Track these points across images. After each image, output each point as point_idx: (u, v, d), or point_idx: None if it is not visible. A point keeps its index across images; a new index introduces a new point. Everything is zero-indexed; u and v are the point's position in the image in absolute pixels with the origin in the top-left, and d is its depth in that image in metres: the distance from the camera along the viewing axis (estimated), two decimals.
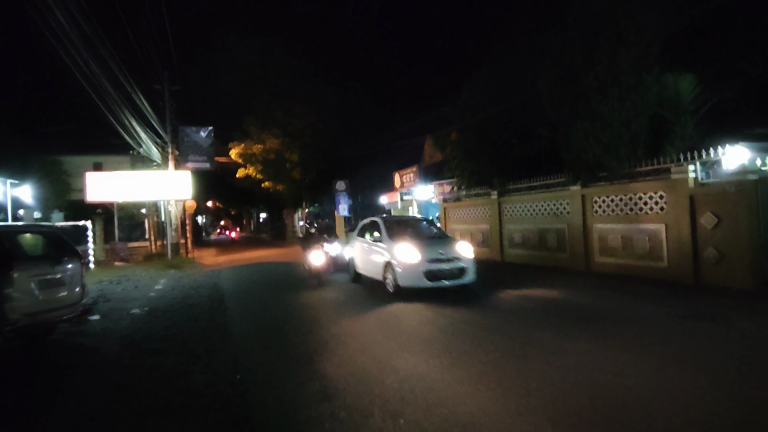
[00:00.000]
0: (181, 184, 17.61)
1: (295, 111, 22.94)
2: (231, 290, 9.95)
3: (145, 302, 8.85)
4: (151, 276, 13.78)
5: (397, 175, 20.45)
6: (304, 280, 10.85)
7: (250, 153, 22.82)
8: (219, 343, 5.50)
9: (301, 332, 5.73)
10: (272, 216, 46.98)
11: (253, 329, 6.22)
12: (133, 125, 16.51)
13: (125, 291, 10.63)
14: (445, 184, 16.33)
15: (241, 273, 13.64)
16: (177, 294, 9.83)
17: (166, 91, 18.65)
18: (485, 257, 11.87)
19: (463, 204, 12.95)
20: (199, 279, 12.40)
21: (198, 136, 19.19)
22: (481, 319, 5.95)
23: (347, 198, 24.07)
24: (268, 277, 12.14)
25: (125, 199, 17.70)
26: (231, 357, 4.89)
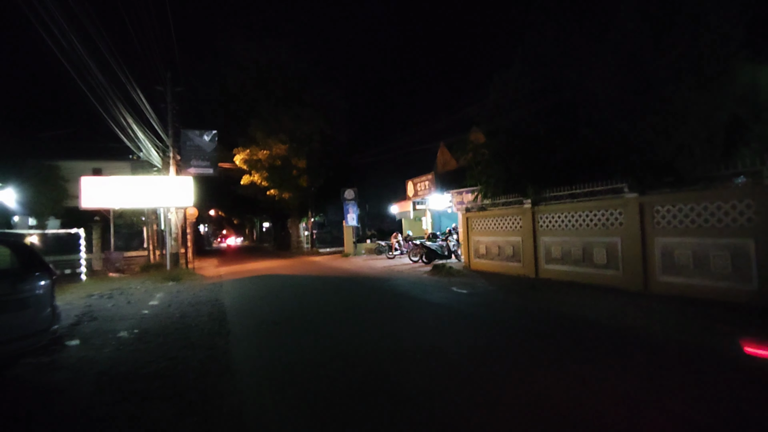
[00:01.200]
0: (182, 191, 16.57)
1: (302, 115, 21.96)
2: (234, 308, 8.79)
3: (136, 322, 7.70)
4: (147, 289, 12.65)
5: (410, 184, 19.36)
6: (320, 297, 9.72)
7: (256, 159, 21.80)
8: (220, 383, 4.34)
9: (328, 368, 4.57)
10: (276, 225, 45.90)
11: (262, 363, 5.05)
12: (133, 127, 15.53)
13: (116, 307, 9.49)
14: (465, 193, 15.22)
15: (244, 287, 12.49)
16: (173, 312, 8.69)
17: (168, 93, 17.73)
18: (516, 273, 10.70)
19: (489, 214, 11.81)
20: (199, 294, 11.25)
21: (201, 140, 18.19)
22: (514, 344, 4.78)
23: (356, 207, 22.99)
24: (272, 293, 10.98)
25: (122, 206, 16.65)
26: (236, 408, 3.73)
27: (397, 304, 8.27)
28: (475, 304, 7.94)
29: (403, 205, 21.28)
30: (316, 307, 8.43)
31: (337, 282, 12.46)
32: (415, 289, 10.00)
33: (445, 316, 7.14)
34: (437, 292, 9.33)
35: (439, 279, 11.40)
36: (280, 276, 14.86)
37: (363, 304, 8.60)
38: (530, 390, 3.78)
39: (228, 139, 22.60)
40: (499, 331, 6.05)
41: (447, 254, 15.50)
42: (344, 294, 10.05)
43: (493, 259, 11.71)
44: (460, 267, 12.84)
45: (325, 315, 7.59)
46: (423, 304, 8.20)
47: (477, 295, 8.84)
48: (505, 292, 8.97)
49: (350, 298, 9.46)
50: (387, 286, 10.69)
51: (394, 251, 19.27)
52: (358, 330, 6.32)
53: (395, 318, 7.13)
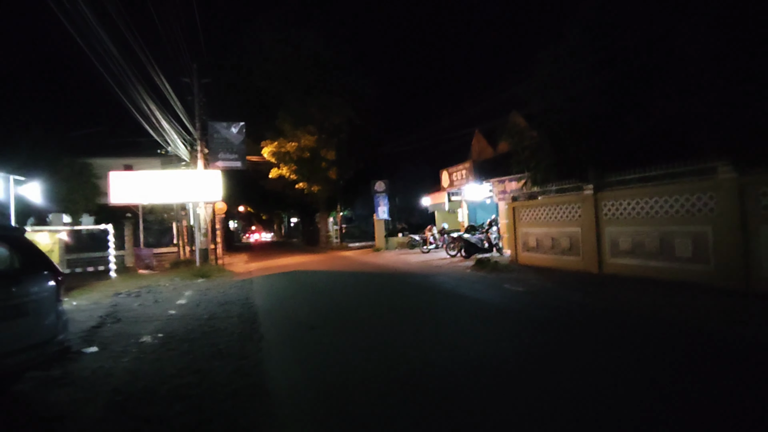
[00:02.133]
0: (210, 185, 16.07)
1: (331, 105, 21.15)
2: (265, 308, 8.05)
3: (162, 324, 7.05)
4: (175, 287, 12.15)
5: (444, 173, 18.30)
6: (357, 296, 8.89)
7: (284, 151, 21.15)
8: (252, 407, 3.53)
9: (381, 391, 3.69)
10: (304, 220, 45.61)
11: (301, 380, 4.22)
12: (159, 120, 15.09)
13: (142, 307, 8.93)
14: (509, 181, 14.08)
15: (275, 284, 11.80)
16: (201, 312, 8.03)
17: (195, 84, 17.23)
18: (574, 268, 9.56)
19: (540, 203, 10.68)
20: (229, 291, 10.63)
21: (229, 132, 17.65)
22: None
23: (387, 200, 22.10)
24: (304, 291, 10.22)
25: (151, 201, 16.31)
26: None
27: (445, 305, 7.33)
28: (535, 305, 6.91)
29: (437, 196, 20.23)
30: (354, 308, 7.59)
31: (372, 279, 11.62)
32: (461, 286, 9.03)
33: (503, 319, 6.15)
34: (488, 290, 8.33)
35: (486, 275, 10.38)
36: (311, 272, 14.15)
37: (407, 304, 7.70)
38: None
39: (256, 132, 22.07)
40: (577, 339, 5.02)
41: (488, 247, 14.41)
42: (384, 292, 9.19)
43: (545, 253, 10.59)
44: (506, 261, 11.77)
45: (366, 318, 6.73)
46: (475, 304, 7.22)
47: (534, 293, 7.79)
48: (567, 289, 7.89)
49: (391, 297, 8.58)
50: (429, 284, 9.75)
51: (429, 245, 18.29)
52: (408, 336, 5.42)
53: (447, 321, 6.18)
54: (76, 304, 9.55)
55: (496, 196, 14.95)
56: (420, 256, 17.09)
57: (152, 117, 14.75)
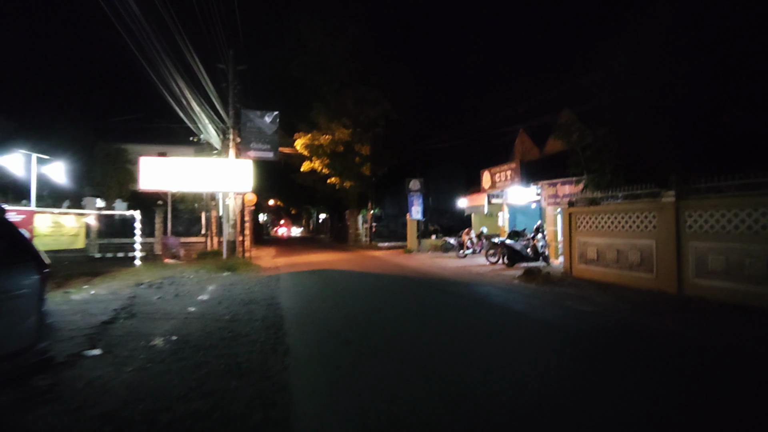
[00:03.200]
0: (241, 175, 15.47)
1: (368, 98, 20.29)
2: (293, 312, 7.19)
3: (178, 324, 6.28)
4: (199, 279, 11.52)
5: (486, 174, 17.10)
6: (395, 304, 7.92)
7: (317, 144, 20.43)
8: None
9: None
10: (333, 217, 45.08)
11: (338, 418, 3.28)
12: (193, 106, 14.56)
13: (161, 301, 8.24)
14: (560, 184, 12.81)
15: (303, 283, 10.99)
16: (223, 312, 7.25)
17: (230, 71, 16.70)
18: (645, 286, 8.29)
19: (603, 209, 9.42)
20: (254, 288, 9.87)
21: (262, 121, 17.03)
22: None
23: (421, 199, 21.05)
24: (336, 294, 9.33)
25: (180, 189, 15.85)
26: None
27: (502, 324, 6.25)
28: (613, 332, 5.75)
29: (475, 198, 19.04)
30: (395, 320, 6.61)
31: (408, 284, 10.63)
32: (514, 301, 7.92)
33: (579, 348, 5.03)
34: (548, 308, 7.20)
35: (538, 288, 9.21)
36: (341, 272, 13.29)
37: (456, 320, 6.66)
38: None
39: (289, 124, 21.46)
40: (685, 385, 3.86)
41: (533, 256, 13.18)
42: (426, 302, 8.18)
43: (607, 266, 9.33)
44: (557, 273, 10.55)
45: (411, 335, 5.73)
46: (537, 326, 6.11)
47: (605, 315, 6.62)
48: (644, 313, 6.67)
49: (436, 309, 7.56)
50: (475, 295, 8.68)
51: (466, 250, 17.14)
52: (468, 367, 4.39)
53: (511, 347, 5.12)
54: (94, 293, 8.98)
55: (545, 200, 13.68)
56: (456, 260, 15.98)
57: (186, 102, 14.25)
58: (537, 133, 19.02)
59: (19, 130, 18.47)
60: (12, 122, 18.15)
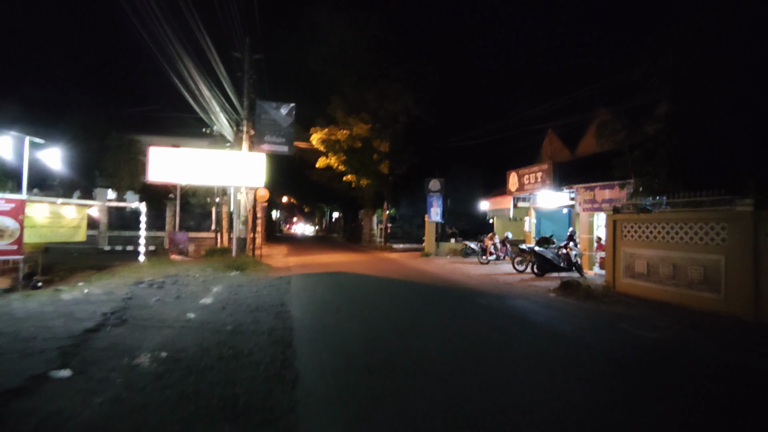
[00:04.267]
0: (254, 169, 14.67)
1: (388, 92, 19.31)
2: (305, 325, 6.27)
3: (172, 336, 5.41)
4: (205, 279, 10.71)
5: (513, 175, 16.00)
6: (422, 320, 6.93)
7: (334, 139, 19.53)
8: None
9: None
10: (347, 216, 44.29)
11: None
12: (206, 95, 13.79)
13: (159, 304, 7.41)
14: (599, 188, 11.69)
15: (316, 287, 10.08)
16: (225, 319, 6.38)
17: (246, 60, 15.90)
18: (710, 308, 7.17)
19: (656, 217, 8.32)
20: (262, 292, 9.00)
21: (277, 113, 16.20)
22: None
23: (441, 200, 20.03)
24: (353, 303, 8.39)
25: (189, 182, 15.13)
26: None
27: (552, 354, 5.22)
28: (693, 370, 4.70)
29: (499, 201, 17.94)
30: (422, 340, 5.63)
31: (432, 293, 9.64)
32: (557, 320, 6.89)
33: (659, 392, 3.99)
34: (603, 333, 6.15)
35: (580, 304, 8.15)
36: (356, 276, 12.35)
37: (495, 342, 5.66)
38: None
39: (305, 118, 20.61)
40: None
41: (566, 266, 12.08)
42: (454, 317, 7.19)
43: (659, 282, 8.22)
44: (598, 286, 9.44)
45: (444, 362, 4.73)
46: (597, 358, 5.07)
47: (676, 346, 5.55)
48: (723, 345, 5.59)
49: (467, 327, 6.57)
50: (511, 311, 7.66)
51: (489, 255, 16.07)
52: (518, 411, 3.39)
53: (572, 385, 4.10)
54: (87, 292, 8.20)
55: (579, 205, 12.56)
56: (479, 267, 14.93)
57: (198, 91, 13.48)
58: (567, 133, 17.86)
59: (25, 114, 17.91)
60: (18, 106, 17.61)
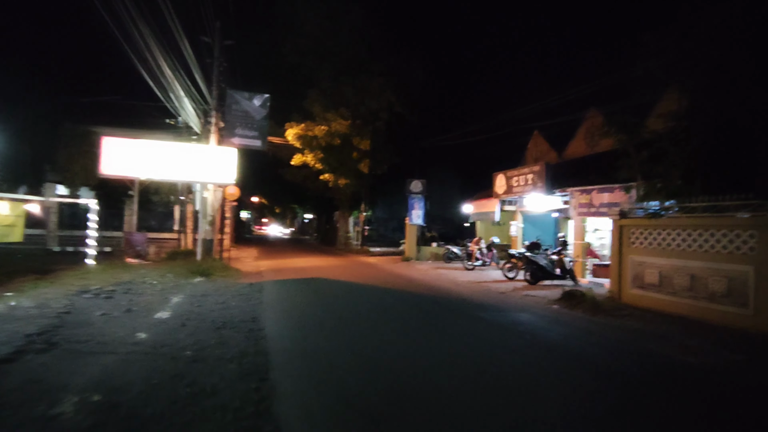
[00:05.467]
0: (223, 164, 13.34)
1: (370, 87, 18.30)
2: (282, 346, 5.17)
3: (114, 366, 4.21)
4: (164, 287, 9.38)
5: (500, 177, 15.29)
6: (422, 338, 5.92)
7: (311, 135, 18.31)
8: None
9: None
10: (320, 218, 42.93)
11: None
12: (170, 80, 12.39)
13: (104, 319, 6.12)
14: (597, 191, 11.05)
15: (293, 297, 8.94)
16: (184, 341, 5.20)
17: (216, 46, 14.54)
18: (736, 324, 6.50)
19: (672, 223, 7.65)
20: (231, 302, 7.80)
21: (250, 104, 14.91)
22: None
23: (423, 203, 19.16)
24: (337, 316, 7.31)
25: (150, 177, 13.60)
26: None
27: (589, 389, 4.32)
28: (757, 407, 3.90)
29: (484, 204, 17.22)
30: (432, 368, 4.62)
31: (425, 304, 8.66)
32: (574, 339, 6.04)
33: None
34: (632, 358, 5.32)
35: (589, 318, 7.37)
36: (338, 283, 11.25)
37: (519, 373, 4.72)
38: None
39: (280, 114, 19.32)
40: None
41: (560, 274, 11.40)
42: (458, 336, 6.21)
43: (674, 294, 7.53)
44: (602, 298, 8.72)
45: (467, 400, 3.75)
46: (638, 390, 4.21)
47: (730, 376, 4.78)
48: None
49: (477, 349, 5.61)
50: (518, 327, 6.78)
51: (474, 261, 15.28)
52: None
53: None
54: (14, 304, 6.77)
55: (574, 209, 11.91)
56: (465, 273, 14.10)
57: (161, 72, 12.06)
58: (554, 135, 17.35)
59: None
60: None
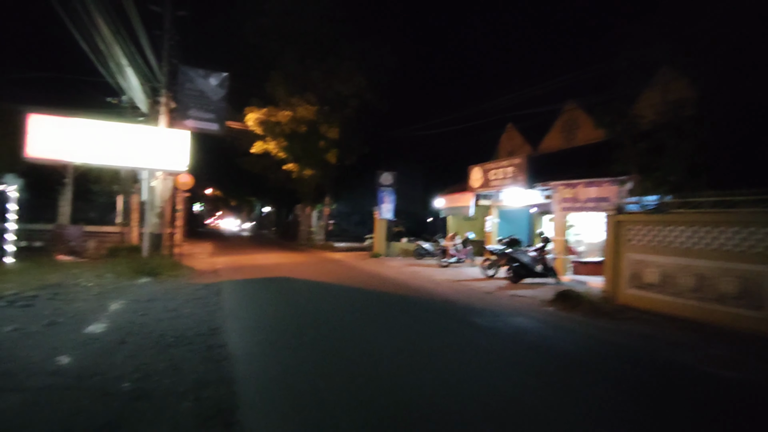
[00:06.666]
0: (174, 149, 11.80)
1: (339, 71, 17.07)
2: (252, 368, 4.08)
3: (18, 412, 2.97)
4: (102, 289, 7.94)
5: (476, 170, 14.62)
6: (408, 348, 4.96)
7: (274, 121, 16.86)
8: None
9: None
10: (279, 211, 41.12)
11: None
12: (106, 39, 10.67)
13: (16, 337, 4.76)
14: (583, 185, 10.54)
15: (258, 302, 7.76)
16: (123, 365, 4.01)
17: (167, 16, 12.85)
18: (749, 328, 6.05)
19: (676, 219, 7.16)
20: (183, 309, 6.55)
21: (206, 83, 13.35)
22: None
23: (393, 196, 18.27)
24: (317, 325, 6.24)
25: (87, 162, 11.81)
26: None
27: (619, 411, 3.56)
28: None
29: (458, 198, 16.52)
30: (440, 394, 3.68)
31: (413, 309, 7.71)
32: (590, 352, 5.33)
33: None
34: (660, 371, 4.65)
35: (595, 324, 6.73)
36: (308, 284, 10.12)
37: (556, 401, 3.89)
38: None
39: (239, 98, 17.71)
40: None
41: (543, 272, 10.87)
42: (464, 350, 5.31)
43: (679, 295, 7.04)
44: (597, 298, 8.16)
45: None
46: (676, 411, 3.49)
47: None
48: None
49: (482, 364, 4.74)
50: (521, 337, 6.00)
51: (449, 258, 14.57)
52: None
53: None
54: None
55: (557, 204, 11.39)
56: (441, 271, 13.35)
57: (100, 37, 10.36)
58: (529, 128, 16.94)
59: None
60: None
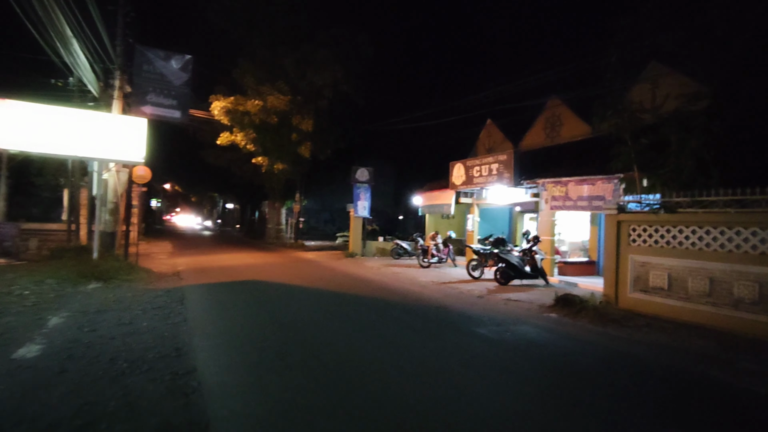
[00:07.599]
0: (130, 138, 10.49)
1: (314, 59, 16.02)
2: (228, 405, 3.19)
3: None
4: (41, 298, 6.74)
5: (458, 167, 14.04)
6: (424, 379, 4.19)
7: (242, 111, 15.63)
8: None
9: None
10: (244, 208, 39.43)
11: None
12: (58, 20, 9.30)
13: None
14: (575, 183, 10.12)
15: (229, 311, 6.75)
16: (63, 405, 3.03)
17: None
18: (766, 335, 5.67)
19: (686, 219, 6.76)
20: (140, 324, 5.52)
21: (167, 66, 12.06)
22: None
23: (369, 193, 17.47)
24: (301, 341, 5.37)
25: (25, 149, 10.26)
26: None
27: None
28: None
29: (437, 195, 15.93)
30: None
31: (403, 316, 6.90)
32: (603, 364, 4.76)
33: None
34: (703, 391, 4.11)
35: (605, 332, 6.21)
36: (281, 287, 9.16)
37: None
38: None
39: (203, 88, 16.38)
40: None
41: (532, 273, 10.41)
42: (473, 368, 4.59)
43: (689, 300, 6.65)
44: (590, 300, 7.67)
45: None
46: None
47: None
48: None
49: (503, 386, 4.04)
50: (535, 351, 5.37)
51: (431, 258, 13.94)
52: None
53: None
54: None
55: (546, 203, 10.95)
56: (423, 272, 12.69)
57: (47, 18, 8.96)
58: (509, 124, 16.56)
59: None
60: None
